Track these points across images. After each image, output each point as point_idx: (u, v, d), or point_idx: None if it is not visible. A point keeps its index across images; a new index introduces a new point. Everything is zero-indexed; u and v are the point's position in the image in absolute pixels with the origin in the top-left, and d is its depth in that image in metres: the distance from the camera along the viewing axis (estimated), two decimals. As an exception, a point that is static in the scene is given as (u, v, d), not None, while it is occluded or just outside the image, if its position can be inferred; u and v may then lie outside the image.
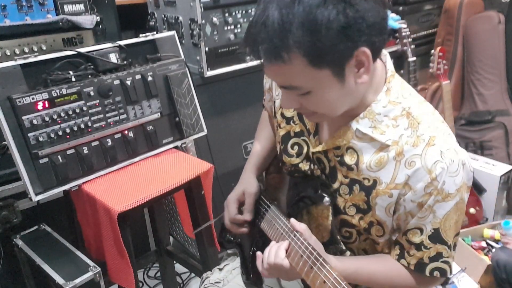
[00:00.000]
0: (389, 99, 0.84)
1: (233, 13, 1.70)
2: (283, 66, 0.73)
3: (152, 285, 2.00)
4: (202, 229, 1.44)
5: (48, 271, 1.22)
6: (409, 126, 0.83)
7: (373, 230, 0.90)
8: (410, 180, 0.81)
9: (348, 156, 0.87)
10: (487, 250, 1.89)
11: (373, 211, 0.87)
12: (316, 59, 0.71)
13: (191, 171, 1.36)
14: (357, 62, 0.74)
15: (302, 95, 0.78)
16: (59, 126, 1.22)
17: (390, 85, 0.85)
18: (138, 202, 1.21)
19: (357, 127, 0.84)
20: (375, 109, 0.83)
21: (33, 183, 1.18)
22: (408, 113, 0.83)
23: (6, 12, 1.38)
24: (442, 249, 0.85)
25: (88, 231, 1.39)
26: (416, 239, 0.85)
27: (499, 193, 2.10)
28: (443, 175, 0.79)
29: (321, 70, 0.73)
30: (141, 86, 1.38)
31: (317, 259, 0.79)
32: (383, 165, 0.83)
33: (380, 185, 0.84)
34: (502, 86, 2.44)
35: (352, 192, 0.88)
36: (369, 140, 0.84)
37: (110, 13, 1.67)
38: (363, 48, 0.72)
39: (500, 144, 2.38)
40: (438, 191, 0.80)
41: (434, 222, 0.83)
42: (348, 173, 0.88)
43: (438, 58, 2.13)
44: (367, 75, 0.76)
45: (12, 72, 1.17)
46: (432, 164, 0.79)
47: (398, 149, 0.82)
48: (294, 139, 0.99)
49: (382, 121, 0.84)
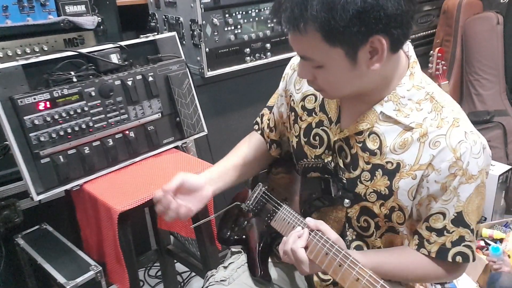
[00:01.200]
0: (413, 83, 0.86)
1: (234, 14, 1.71)
2: (300, 37, 0.76)
3: (153, 284, 2.01)
4: (203, 229, 1.45)
5: (50, 270, 1.22)
6: (433, 109, 0.85)
7: (394, 216, 0.90)
8: (434, 160, 0.82)
9: (371, 141, 0.88)
10: (485, 249, 1.90)
11: (395, 196, 0.87)
12: (329, 36, 0.74)
13: (191, 171, 1.36)
14: (371, 49, 0.76)
15: (315, 68, 0.81)
16: (61, 126, 1.22)
17: (413, 70, 0.87)
18: (139, 202, 1.22)
19: (382, 110, 0.86)
20: (399, 93, 0.85)
21: (34, 182, 1.19)
22: (432, 97, 0.86)
23: (7, 13, 1.38)
24: (465, 232, 0.85)
25: (88, 232, 1.39)
26: (439, 225, 0.85)
27: (498, 192, 2.11)
28: (467, 156, 0.80)
29: (334, 48, 0.76)
30: (142, 86, 1.39)
31: (346, 257, 0.80)
32: (407, 146, 0.84)
33: (404, 168, 0.85)
34: (501, 87, 2.45)
35: (374, 177, 0.89)
36: (393, 122, 0.86)
37: (111, 14, 1.68)
38: (379, 36, 0.74)
39: (499, 144, 2.39)
40: (463, 172, 0.81)
41: (458, 206, 0.83)
42: (371, 158, 0.89)
43: (437, 58, 2.14)
44: (379, 64, 0.78)
45: (14, 72, 1.18)
46: (456, 144, 0.80)
47: (422, 131, 0.83)
48: (315, 130, 1.00)
49: (406, 104, 0.85)
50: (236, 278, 1.10)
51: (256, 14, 1.77)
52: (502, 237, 1.93)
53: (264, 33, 1.80)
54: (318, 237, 0.85)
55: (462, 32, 2.52)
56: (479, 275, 1.73)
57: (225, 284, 1.08)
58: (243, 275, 1.11)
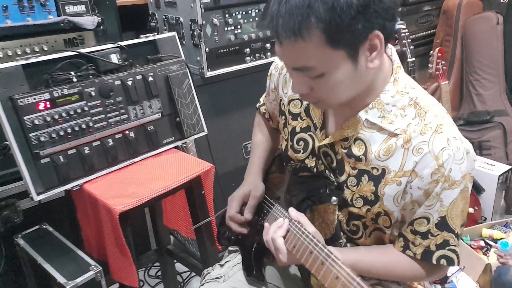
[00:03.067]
0: (397, 89, 0.85)
1: (234, 14, 1.71)
2: (301, 44, 0.73)
3: (152, 284, 2.01)
4: (203, 229, 1.45)
5: (50, 270, 1.22)
6: (417, 115, 0.84)
7: (380, 220, 0.90)
8: (417, 166, 0.82)
9: (356, 147, 0.88)
10: (485, 250, 1.90)
11: (381, 201, 0.87)
12: (334, 37, 0.72)
13: (191, 171, 1.36)
14: (370, 46, 0.76)
15: (314, 78, 0.78)
16: (61, 126, 1.22)
17: (397, 75, 0.86)
18: (139, 202, 1.22)
19: (366, 117, 0.86)
20: (384, 99, 0.85)
21: (34, 182, 1.19)
22: (416, 103, 0.85)
23: (7, 13, 1.38)
24: (449, 236, 0.86)
25: (89, 232, 1.39)
26: (423, 228, 0.86)
27: (498, 192, 2.11)
28: (450, 162, 0.80)
29: (337, 50, 0.74)
30: (142, 86, 1.39)
31: (328, 255, 0.80)
32: (391, 153, 0.84)
33: (389, 174, 0.85)
34: (501, 87, 2.46)
35: (360, 183, 0.89)
36: (378, 129, 0.86)
37: (111, 14, 1.68)
38: (377, 31, 0.74)
39: (499, 144, 2.39)
40: (445, 178, 0.81)
41: (441, 210, 0.84)
42: (356, 164, 0.89)
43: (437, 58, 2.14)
44: (378, 60, 0.78)
45: (14, 72, 1.18)
46: (439, 151, 0.80)
47: (406, 137, 0.83)
48: (300, 135, 1.00)
49: (390, 110, 0.85)
50: (231, 275, 1.11)
51: (256, 14, 1.77)
52: (502, 237, 1.93)
53: (264, 33, 1.80)
54: (297, 229, 0.86)
55: (462, 32, 2.52)
56: (479, 275, 1.73)
57: (220, 282, 1.09)
58: (239, 273, 1.12)
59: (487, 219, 2.16)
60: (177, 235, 1.95)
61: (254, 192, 1.10)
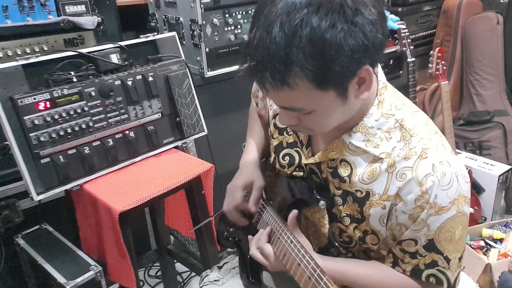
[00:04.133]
0: (381, 111, 0.83)
1: (234, 14, 1.71)
2: (288, 91, 0.70)
3: (153, 284, 2.01)
4: (203, 229, 1.45)
5: (50, 270, 1.22)
6: (402, 138, 0.82)
7: (368, 238, 0.90)
8: (401, 191, 0.80)
9: (342, 168, 0.87)
10: (485, 250, 1.90)
11: (367, 221, 0.87)
12: (321, 81, 0.69)
13: (191, 171, 1.36)
14: (359, 79, 0.73)
15: (302, 114, 0.77)
16: (61, 126, 1.22)
17: (382, 97, 0.84)
18: (139, 202, 1.22)
19: (350, 141, 0.84)
20: (368, 123, 0.83)
21: (34, 182, 1.19)
22: (401, 125, 0.83)
23: (7, 13, 1.38)
24: (438, 258, 0.84)
25: (87, 232, 1.39)
26: (411, 249, 0.85)
27: (498, 192, 2.11)
28: (434, 189, 0.78)
29: (327, 92, 0.71)
30: (142, 86, 1.39)
31: (303, 256, 0.79)
32: (375, 177, 0.83)
33: (374, 196, 0.84)
34: (501, 87, 2.46)
35: (345, 203, 0.88)
36: (362, 152, 0.84)
37: (111, 14, 1.68)
38: (366, 66, 0.71)
39: (499, 144, 2.39)
40: (431, 205, 0.78)
41: (428, 234, 0.82)
42: (341, 184, 0.88)
43: (437, 58, 2.13)
44: (368, 91, 0.76)
45: (14, 72, 1.18)
46: (423, 177, 0.78)
47: (390, 161, 0.81)
48: (286, 150, 0.98)
49: (375, 134, 0.83)
50: (230, 278, 1.11)
51: (256, 14, 1.77)
52: (502, 237, 1.93)
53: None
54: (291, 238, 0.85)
55: (462, 32, 2.52)
56: (479, 275, 1.73)
57: (218, 284, 1.09)
58: (237, 275, 1.12)
59: (487, 219, 2.16)
60: (177, 235, 1.95)
61: (257, 183, 1.07)
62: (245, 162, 1.12)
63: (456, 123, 2.52)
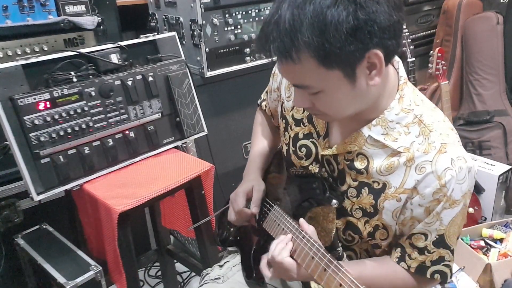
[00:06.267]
0: (402, 106, 0.85)
1: (234, 14, 1.71)
2: (294, 66, 0.73)
3: (153, 284, 2.01)
4: (203, 229, 1.45)
5: (50, 270, 1.23)
6: (421, 133, 0.84)
7: (378, 234, 0.91)
8: (419, 185, 0.82)
9: (359, 161, 0.88)
10: (485, 250, 1.90)
11: (379, 215, 0.88)
12: (325, 60, 0.71)
13: (191, 171, 1.36)
14: (369, 64, 0.74)
15: (313, 94, 0.79)
16: (61, 126, 1.22)
17: (403, 92, 0.85)
18: (139, 202, 1.22)
19: (370, 134, 0.85)
20: (388, 117, 0.84)
21: (34, 182, 1.19)
22: (420, 121, 0.84)
23: (7, 13, 1.38)
24: (445, 253, 0.86)
25: (90, 231, 1.39)
26: (420, 244, 0.86)
27: (498, 192, 2.11)
28: (452, 183, 0.80)
29: (332, 71, 0.73)
30: (142, 86, 1.39)
31: (330, 261, 0.80)
32: (393, 170, 0.84)
33: (389, 189, 0.85)
34: (501, 87, 2.46)
35: (360, 195, 0.89)
36: (381, 146, 0.85)
37: (111, 14, 1.69)
38: (375, 50, 0.72)
39: (499, 144, 2.39)
40: (447, 198, 0.81)
41: (440, 229, 0.84)
42: (358, 176, 0.89)
43: (437, 58, 2.14)
44: (379, 77, 0.77)
45: (14, 72, 1.18)
46: (442, 171, 0.80)
47: (409, 156, 0.83)
48: (302, 141, 0.99)
49: (394, 128, 0.84)
50: (230, 276, 1.12)
51: (256, 14, 1.77)
52: (502, 237, 1.93)
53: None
54: (305, 240, 0.86)
55: (462, 32, 2.52)
56: (479, 275, 1.73)
57: (219, 282, 1.10)
58: (238, 273, 1.12)
59: (487, 219, 2.16)
60: (177, 235, 1.95)
61: (257, 186, 1.09)
62: (246, 172, 1.16)
63: (456, 123, 2.52)
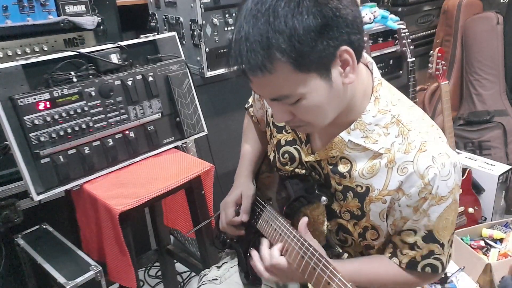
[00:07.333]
0: (378, 108, 0.84)
1: (233, 14, 1.71)
2: (269, 77, 0.72)
3: (152, 284, 2.01)
4: (203, 229, 1.45)
5: (50, 270, 1.22)
6: (400, 133, 0.83)
7: (368, 234, 0.91)
8: (403, 185, 0.82)
9: (342, 165, 0.88)
10: (485, 250, 1.90)
11: (367, 216, 0.88)
12: (300, 63, 0.71)
13: (191, 171, 1.36)
14: (341, 62, 0.75)
15: (293, 104, 0.77)
16: (61, 126, 1.22)
17: (378, 94, 0.85)
18: (139, 202, 1.22)
19: (349, 139, 0.85)
20: (365, 120, 0.84)
21: (34, 182, 1.19)
22: (398, 121, 0.84)
23: (7, 13, 1.38)
24: (434, 247, 0.87)
25: (88, 232, 1.39)
26: (410, 240, 0.87)
27: (498, 192, 2.11)
28: (436, 180, 0.80)
29: (308, 74, 0.73)
30: (142, 86, 1.39)
31: (319, 260, 0.80)
32: (375, 172, 0.84)
33: (373, 192, 0.85)
34: (501, 87, 2.46)
35: (346, 198, 0.90)
36: (362, 149, 0.85)
37: (111, 14, 1.68)
38: (344, 47, 0.73)
39: (499, 144, 2.40)
40: (433, 196, 0.81)
41: (428, 225, 0.85)
42: (341, 180, 0.89)
43: (437, 58, 2.14)
44: (353, 74, 0.77)
45: (14, 72, 1.18)
46: (424, 170, 0.80)
47: (390, 157, 0.83)
48: (285, 148, 1.00)
49: (373, 130, 0.84)
50: (228, 277, 1.12)
51: (256, 14, 1.77)
52: (502, 237, 1.93)
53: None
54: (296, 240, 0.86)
55: (462, 32, 2.52)
56: (479, 275, 1.73)
57: (216, 283, 1.10)
58: (235, 274, 1.12)
59: (487, 219, 2.16)
60: (177, 235, 1.95)
61: (246, 192, 1.09)
62: (236, 176, 1.17)
63: (456, 123, 2.52)
